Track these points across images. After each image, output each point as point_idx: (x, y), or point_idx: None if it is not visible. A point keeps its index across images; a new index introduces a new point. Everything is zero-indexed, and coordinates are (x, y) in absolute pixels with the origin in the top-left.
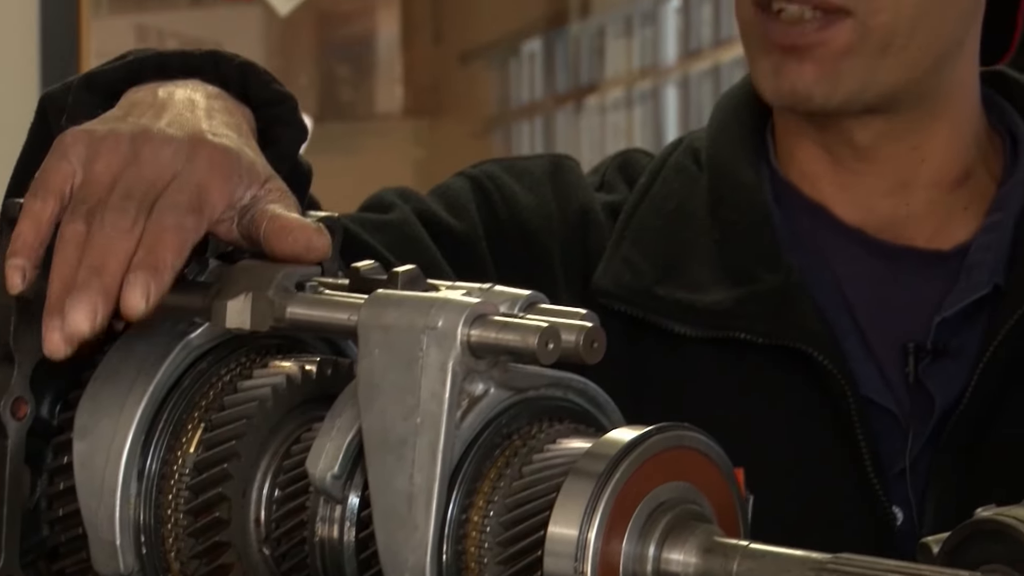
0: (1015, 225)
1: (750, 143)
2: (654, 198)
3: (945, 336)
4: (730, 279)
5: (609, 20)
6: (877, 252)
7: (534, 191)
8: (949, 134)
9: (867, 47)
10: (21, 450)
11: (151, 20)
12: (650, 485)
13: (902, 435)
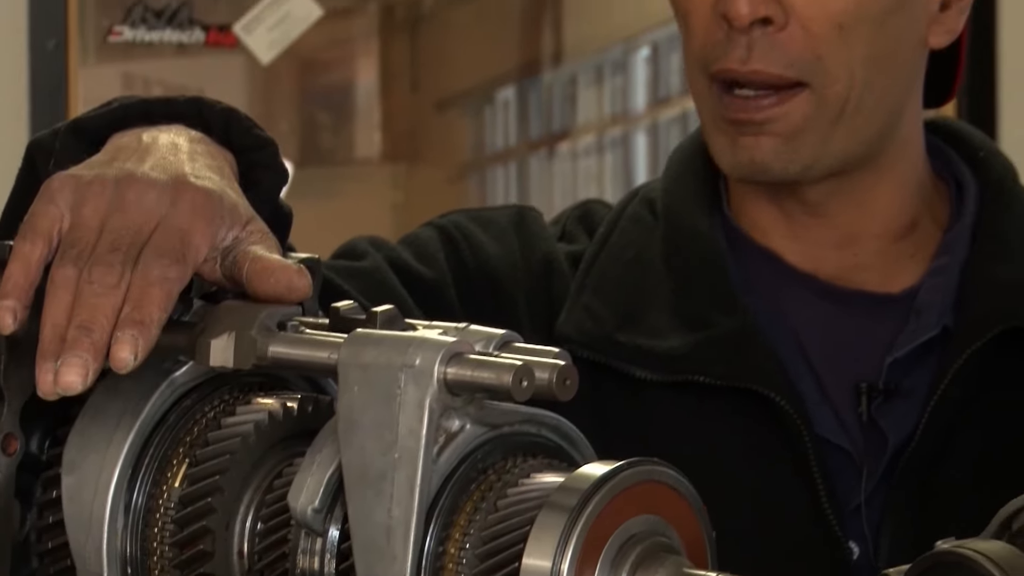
0: (961, 268)
1: (703, 193)
2: (612, 248)
3: (896, 376)
4: (687, 325)
5: (580, 69)
6: (829, 296)
7: (500, 240)
8: (895, 188)
9: (823, 118)
10: (11, 485)
11: (137, 68)
12: (621, 518)
13: (857, 473)
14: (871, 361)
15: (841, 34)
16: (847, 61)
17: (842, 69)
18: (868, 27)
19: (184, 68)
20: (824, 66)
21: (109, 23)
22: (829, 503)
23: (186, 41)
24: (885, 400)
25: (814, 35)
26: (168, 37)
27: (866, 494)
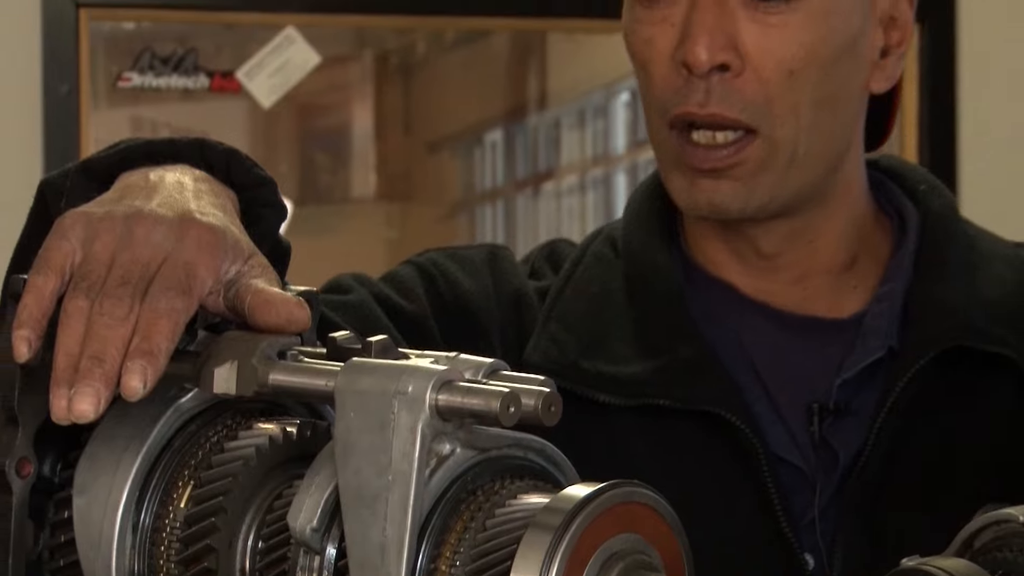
0: (905, 293)
1: (661, 230)
2: (577, 282)
3: (846, 396)
4: (647, 352)
5: (564, 113)
6: (781, 323)
7: (474, 276)
8: (839, 226)
9: (775, 161)
10: (25, 505)
11: (145, 112)
12: (603, 537)
13: (810, 488)
14: (822, 383)
15: (790, 79)
16: (794, 105)
17: (789, 113)
18: (816, 72)
19: (190, 112)
20: (772, 110)
21: (119, 69)
22: (784, 517)
23: (191, 86)
24: (836, 419)
25: (765, 80)
26: (174, 83)
27: (820, 508)
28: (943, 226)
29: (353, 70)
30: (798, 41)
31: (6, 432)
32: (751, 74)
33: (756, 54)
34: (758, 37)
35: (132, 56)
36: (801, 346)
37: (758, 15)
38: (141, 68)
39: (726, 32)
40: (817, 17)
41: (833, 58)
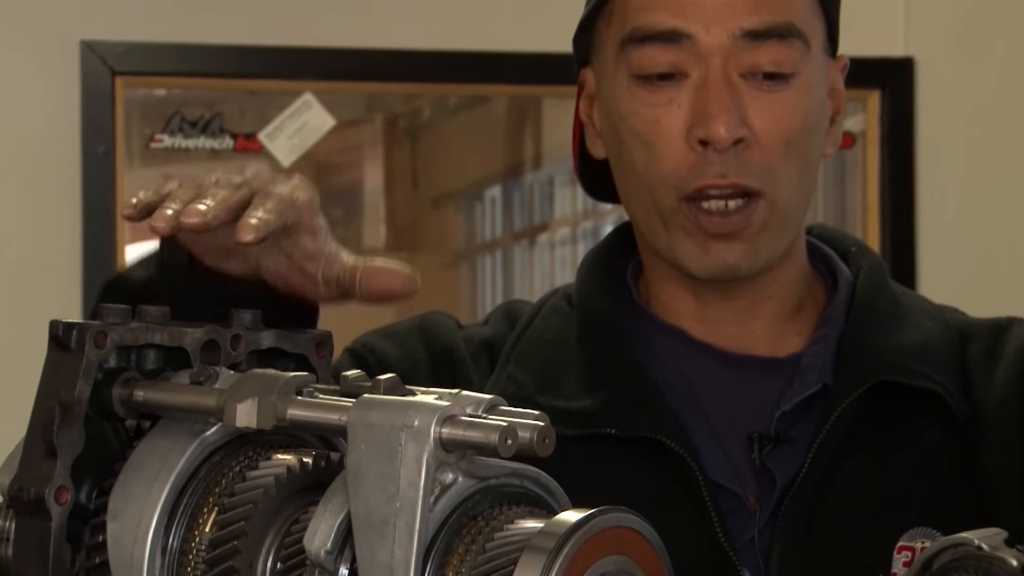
0: (838, 338)
1: (611, 284)
2: (534, 331)
3: (784, 427)
4: (596, 388)
5: (557, 171)
6: (724, 362)
7: (401, 345)
8: (790, 277)
9: (775, 221)
10: (63, 530)
11: (175, 171)
12: (593, 559)
13: (749, 510)
14: (762, 415)
15: (788, 147)
16: (789, 170)
17: (786, 177)
18: (805, 140)
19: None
20: (775, 175)
21: (151, 132)
22: (724, 537)
23: (217, 147)
24: (774, 447)
25: (769, 149)
26: (202, 144)
27: (759, 528)
28: (873, 282)
29: (365, 132)
30: (794, 114)
31: (46, 463)
32: (757, 145)
33: (761, 127)
34: (762, 112)
35: (163, 120)
36: (743, 382)
37: (760, 92)
38: (171, 130)
39: (739, 109)
40: (805, 91)
41: (814, 127)
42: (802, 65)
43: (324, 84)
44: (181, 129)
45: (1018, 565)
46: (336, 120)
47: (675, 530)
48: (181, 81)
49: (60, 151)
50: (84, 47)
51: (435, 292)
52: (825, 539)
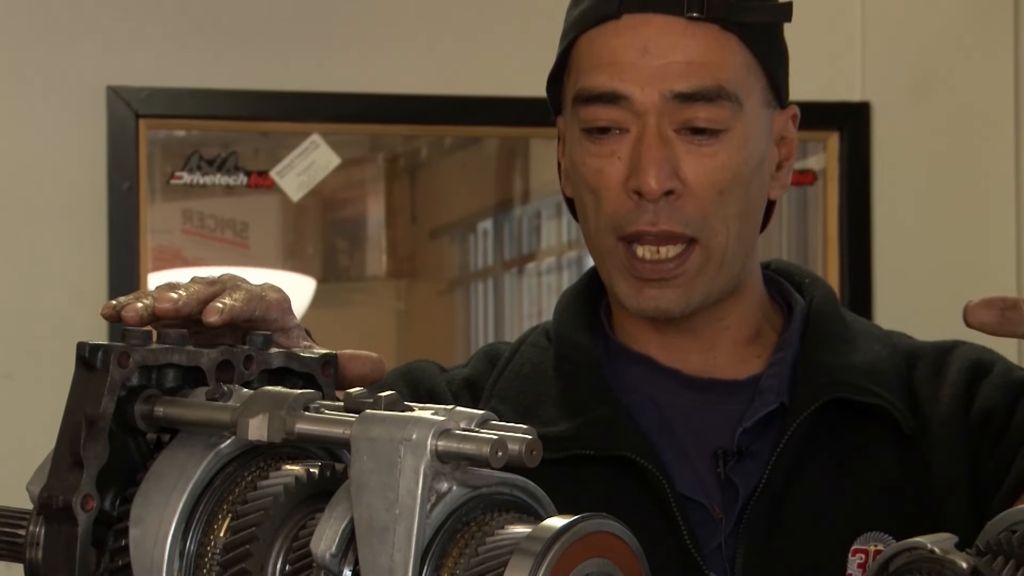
0: (793, 361)
1: (585, 318)
2: (514, 366)
3: (746, 442)
4: (571, 414)
5: (544, 205)
6: (690, 386)
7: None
8: (745, 309)
9: (710, 266)
10: (88, 535)
11: (194, 205)
12: (577, 561)
13: (715, 520)
14: (726, 432)
15: (721, 197)
16: (724, 218)
17: (721, 224)
18: (739, 190)
19: (231, 205)
20: (709, 223)
21: (171, 169)
22: (692, 545)
23: (232, 184)
24: (737, 461)
25: (702, 199)
26: (218, 180)
27: (724, 535)
28: (825, 310)
29: (368, 170)
30: (725, 166)
31: (73, 474)
32: (690, 195)
33: (693, 179)
34: (694, 165)
35: (182, 158)
36: (707, 403)
37: (693, 147)
38: (190, 168)
39: (670, 163)
40: (738, 145)
41: (750, 176)
42: (733, 122)
43: (330, 126)
44: (199, 167)
45: (968, 567)
46: (341, 159)
47: (648, 540)
48: (199, 123)
49: (88, 187)
50: (110, 92)
51: (432, 316)
52: (784, 544)
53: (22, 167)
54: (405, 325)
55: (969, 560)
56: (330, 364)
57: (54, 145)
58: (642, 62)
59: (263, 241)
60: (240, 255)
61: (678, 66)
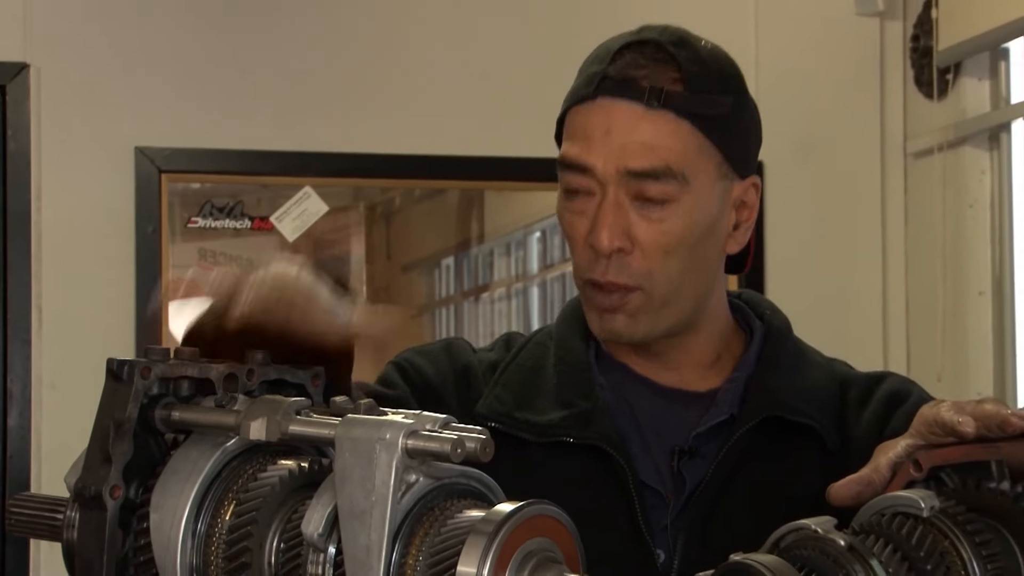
0: (746, 380)
1: (580, 328)
2: (520, 360)
3: (698, 444)
4: (560, 406)
5: (496, 245)
6: (658, 393)
7: (433, 363)
8: (706, 339)
9: (652, 306)
10: (116, 519)
11: (207, 245)
12: (523, 539)
13: (666, 504)
14: (683, 434)
15: (666, 256)
16: (668, 273)
17: (664, 278)
18: (684, 251)
19: (238, 244)
20: (653, 278)
21: (188, 215)
22: (644, 524)
23: (239, 227)
24: (689, 459)
25: (649, 258)
26: (227, 224)
27: (671, 518)
28: (780, 337)
29: (351, 216)
30: (671, 231)
31: (103, 468)
32: (639, 253)
33: (642, 240)
34: (644, 229)
35: (198, 206)
36: (671, 409)
37: (643, 212)
38: (204, 214)
39: (621, 225)
40: (684, 214)
41: (696, 240)
42: (680, 195)
43: (320, 179)
44: (211, 213)
45: (845, 543)
46: (329, 207)
47: (610, 516)
48: (211, 177)
49: (119, 230)
50: (137, 151)
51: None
52: (719, 529)
53: (67, 213)
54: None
55: (846, 538)
56: (319, 377)
57: (93, 195)
58: (606, 140)
59: None
60: None
61: (634, 146)
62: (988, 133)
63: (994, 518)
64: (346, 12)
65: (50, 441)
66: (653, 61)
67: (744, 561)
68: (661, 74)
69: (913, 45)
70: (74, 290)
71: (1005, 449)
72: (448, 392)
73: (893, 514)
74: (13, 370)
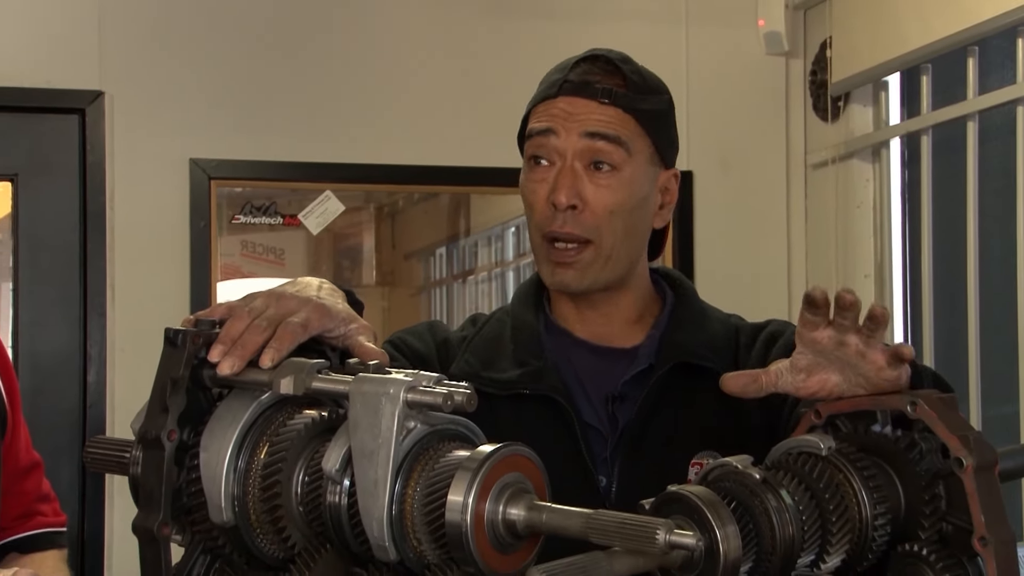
0: (661, 336)
1: (534, 303)
2: (484, 332)
3: (626, 390)
4: (517, 365)
5: (479, 238)
6: (593, 351)
7: (422, 340)
8: (633, 298)
9: (598, 261)
10: (172, 457)
11: (248, 238)
12: (501, 473)
13: (604, 440)
14: (614, 382)
15: (611, 216)
16: (613, 229)
17: (609, 233)
18: (625, 213)
19: (272, 237)
20: (600, 232)
21: (232, 213)
22: (588, 456)
23: (273, 223)
24: (620, 402)
25: (597, 215)
26: (263, 220)
27: (609, 451)
28: (687, 300)
29: (363, 214)
30: (615, 195)
31: (161, 416)
32: (588, 211)
33: (592, 200)
34: (593, 191)
35: (240, 206)
36: (604, 363)
37: (594, 178)
38: (245, 212)
39: (575, 188)
40: (626, 183)
41: (633, 206)
42: (624, 165)
43: (338, 185)
44: (251, 212)
45: (760, 477)
46: (345, 207)
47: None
48: (251, 183)
49: (177, 225)
50: (191, 162)
51: (406, 312)
52: (647, 456)
53: (134, 213)
54: (388, 318)
55: (760, 472)
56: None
57: (155, 197)
58: (568, 116)
59: (294, 261)
60: (279, 270)
61: (591, 120)
62: (871, 149)
63: (879, 456)
64: (359, 51)
65: (121, 393)
66: (604, 71)
67: (679, 491)
68: (610, 79)
69: (812, 78)
70: (140, 274)
71: (887, 401)
72: (433, 360)
73: (798, 453)
74: (92, 337)
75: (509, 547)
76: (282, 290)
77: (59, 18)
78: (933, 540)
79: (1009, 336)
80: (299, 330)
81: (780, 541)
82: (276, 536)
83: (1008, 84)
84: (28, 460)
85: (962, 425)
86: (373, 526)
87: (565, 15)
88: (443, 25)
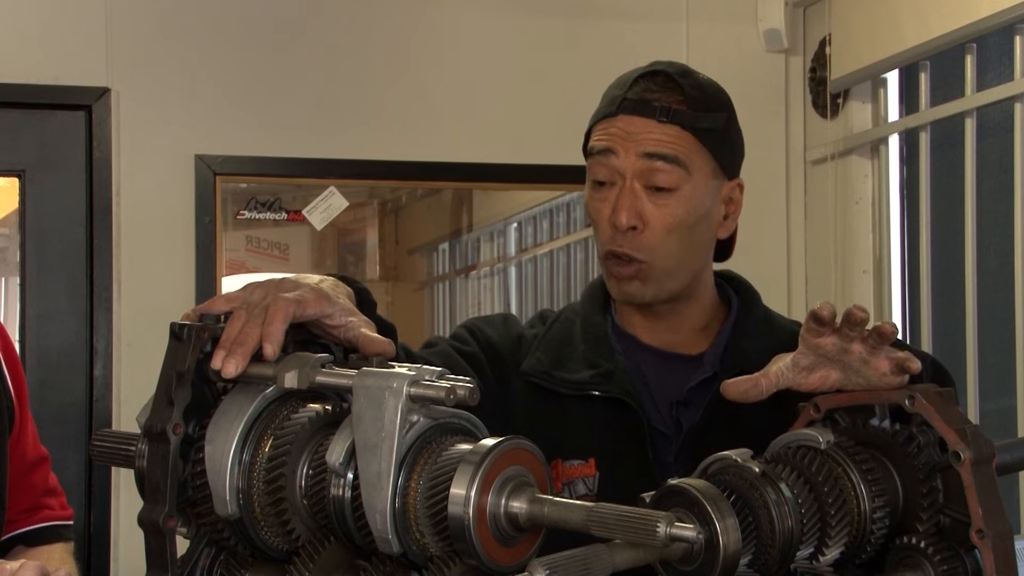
0: (726, 345)
1: (601, 305)
2: (554, 330)
3: (691, 396)
4: (587, 367)
5: (482, 233)
6: (660, 357)
7: (497, 331)
8: (698, 308)
9: (654, 276)
10: (177, 450)
11: (252, 233)
12: (502, 467)
13: (670, 444)
14: (680, 388)
15: (667, 235)
16: (668, 249)
17: (667, 254)
18: (683, 231)
19: (277, 233)
20: (656, 252)
21: (237, 209)
22: (654, 458)
23: (277, 219)
24: (685, 408)
25: (656, 234)
26: (268, 216)
27: (674, 455)
28: (751, 308)
29: (367, 210)
30: (673, 215)
31: (167, 409)
32: (648, 231)
33: (652, 220)
34: (652, 212)
35: (244, 201)
36: (670, 369)
37: (652, 199)
38: (249, 208)
39: (635, 208)
40: (685, 201)
41: (692, 224)
42: (683, 184)
43: (342, 181)
44: (256, 207)
45: (759, 470)
46: (349, 202)
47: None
48: (256, 179)
49: (182, 221)
50: (196, 158)
51: (409, 306)
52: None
53: (140, 208)
54: (392, 312)
55: (760, 465)
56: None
57: (161, 193)
58: (627, 136)
59: (298, 256)
60: (283, 265)
61: (649, 140)
62: (870, 145)
63: (877, 450)
64: (363, 48)
65: (127, 387)
66: (663, 87)
67: (680, 484)
68: (669, 96)
69: (811, 75)
70: (146, 268)
71: (885, 395)
72: (507, 352)
73: (797, 447)
74: (98, 331)
75: (511, 540)
76: (282, 278)
77: (66, 15)
78: (931, 533)
79: (1006, 330)
80: (292, 305)
81: (779, 534)
82: (280, 529)
83: (1006, 81)
84: (35, 454)
85: (960, 419)
86: (376, 519)
87: (565, 12)
88: (446, 22)
